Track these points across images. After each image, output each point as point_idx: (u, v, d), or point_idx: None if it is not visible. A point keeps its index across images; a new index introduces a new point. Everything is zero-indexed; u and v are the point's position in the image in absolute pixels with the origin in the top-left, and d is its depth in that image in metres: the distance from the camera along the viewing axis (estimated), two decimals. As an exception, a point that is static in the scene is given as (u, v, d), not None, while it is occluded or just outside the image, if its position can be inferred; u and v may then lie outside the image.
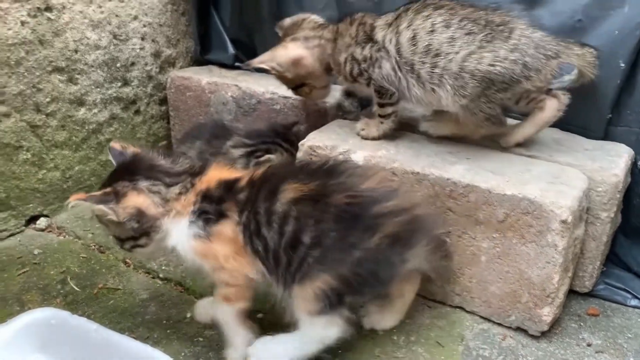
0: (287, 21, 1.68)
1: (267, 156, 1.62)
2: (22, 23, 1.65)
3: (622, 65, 1.51)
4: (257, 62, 1.61)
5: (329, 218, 1.15)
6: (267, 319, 1.40)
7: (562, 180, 1.35)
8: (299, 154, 1.59)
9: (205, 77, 2.06)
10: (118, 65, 1.96)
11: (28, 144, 1.75)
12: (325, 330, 1.21)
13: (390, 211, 1.18)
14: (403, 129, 1.62)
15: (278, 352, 1.24)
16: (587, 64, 1.43)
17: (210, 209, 1.22)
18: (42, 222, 1.83)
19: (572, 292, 1.51)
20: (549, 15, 1.55)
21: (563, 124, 1.54)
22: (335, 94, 1.79)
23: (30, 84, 1.71)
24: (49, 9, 1.71)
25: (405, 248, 1.20)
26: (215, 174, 1.27)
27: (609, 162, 1.45)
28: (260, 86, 1.96)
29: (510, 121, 1.56)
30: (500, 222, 1.33)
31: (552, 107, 1.44)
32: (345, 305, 1.18)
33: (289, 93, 1.88)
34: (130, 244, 1.26)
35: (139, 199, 1.21)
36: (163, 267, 1.64)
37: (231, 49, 2.15)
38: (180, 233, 1.23)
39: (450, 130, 1.53)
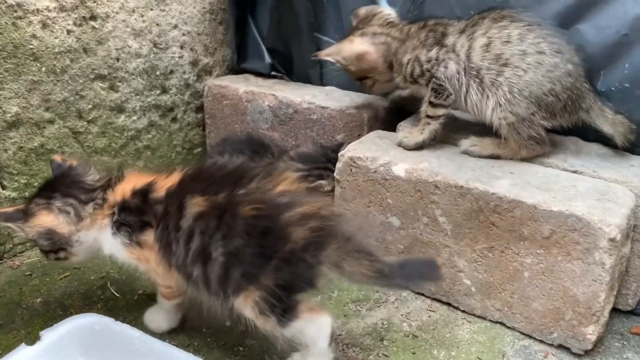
0: (362, 11, 1.73)
1: (319, 182, 1.67)
2: (68, 32, 1.68)
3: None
4: (324, 54, 1.68)
5: (239, 231, 1.16)
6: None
7: (609, 197, 1.33)
8: (339, 165, 1.59)
9: (242, 85, 2.07)
10: (157, 73, 1.99)
11: (70, 150, 1.78)
12: (311, 328, 1.21)
13: (299, 218, 1.17)
14: (443, 142, 1.61)
15: None
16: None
17: (131, 220, 1.25)
18: (81, 227, 1.86)
19: (614, 310, 1.49)
20: (594, 31, 1.53)
21: (608, 139, 1.52)
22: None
23: (74, 91, 1.74)
24: (93, 17, 1.74)
25: (319, 250, 1.17)
26: (129, 184, 1.29)
27: (656, 179, 1.43)
28: (297, 96, 1.97)
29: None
30: (545, 239, 1.31)
31: None
32: (290, 301, 1.18)
33: (326, 103, 1.90)
34: (53, 256, 1.31)
35: (48, 218, 1.26)
36: (201, 275, 1.65)
37: (267, 58, 2.17)
38: (109, 243, 1.28)
39: (492, 150, 1.52)
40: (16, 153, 1.64)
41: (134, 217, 1.25)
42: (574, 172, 1.47)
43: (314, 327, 1.21)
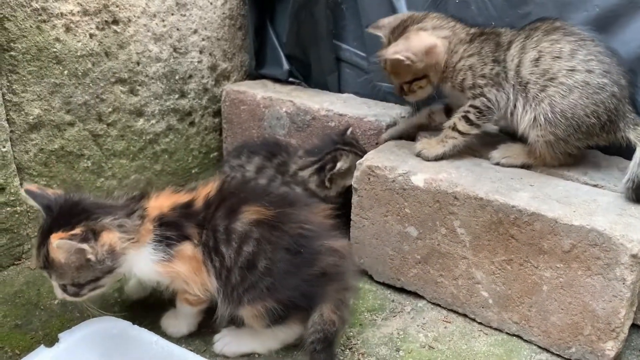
0: (389, 19, 1.66)
1: (339, 164, 1.67)
2: (91, 35, 1.70)
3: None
4: (391, 52, 1.54)
5: (283, 246, 1.25)
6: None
7: (631, 212, 1.32)
8: (357, 173, 1.59)
9: (260, 91, 2.08)
10: (177, 77, 2.00)
11: (89, 153, 1.79)
12: (284, 334, 1.34)
13: (327, 249, 1.29)
14: (463, 152, 1.61)
15: (242, 343, 1.37)
16: None
17: (172, 234, 1.26)
18: (98, 229, 1.87)
19: (634, 326, 1.47)
20: (617, 45, 1.52)
21: (629, 152, 1.51)
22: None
23: (95, 95, 1.75)
24: (115, 22, 1.76)
25: (329, 282, 1.29)
26: (165, 199, 1.32)
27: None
28: (314, 103, 1.97)
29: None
30: (565, 253, 1.30)
31: None
32: (294, 315, 1.29)
33: (344, 110, 1.90)
34: (90, 287, 1.25)
35: (110, 235, 1.22)
36: (217, 280, 1.66)
37: (286, 65, 2.17)
38: (141, 261, 1.26)
39: (524, 160, 1.52)
40: (37, 155, 1.66)
41: (174, 230, 1.26)
42: (595, 185, 1.46)
43: (288, 332, 1.35)
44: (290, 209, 1.30)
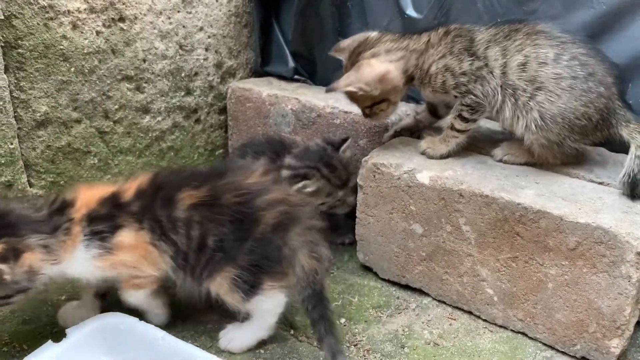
0: (348, 42, 1.65)
1: (302, 183, 1.65)
2: (97, 33, 1.70)
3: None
4: (343, 85, 1.55)
5: (225, 220, 1.28)
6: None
7: (636, 210, 1.32)
8: (362, 171, 1.59)
9: (265, 89, 2.09)
10: (182, 75, 2.00)
11: (96, 150, 1.80)
12: (269, 304, 1.34)
13: (269, 203, 1.31)
14: (468, 149, 1.61)
15: (245, 336, 1.39)
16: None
17: (104, 227, 1.26)
18: (104, 226, 1.88)
19: (638, 323, 1.47)
20: (626, 41, 1.52)
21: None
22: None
23: (101, 92, 1.76)
24: (122, 19, 1.76)
25: (284, 233, 1.31)
26: (89, 194, 1.31)
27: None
28: (320, 100, 1.97)
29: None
30: (570, 250, 1.31)
31: None
32: (264, 279, 1.31)
33: (349, 107, 1.90)
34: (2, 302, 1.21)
35: (32, 257, 1.18)
36: (223, 277, 1.66)
37: (291, 62, 2.18)
38: (77, 263, 1.25)
39: (526, 158, 1.52)
40: (44, 152, 1.67)
41: (105, 223, 1.27)
42: (600, 183, 1.46)
43: (271, 302, 1.34)
44: (220, 181, 1.33)
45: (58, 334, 1.29)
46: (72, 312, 1.43)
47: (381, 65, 1.54)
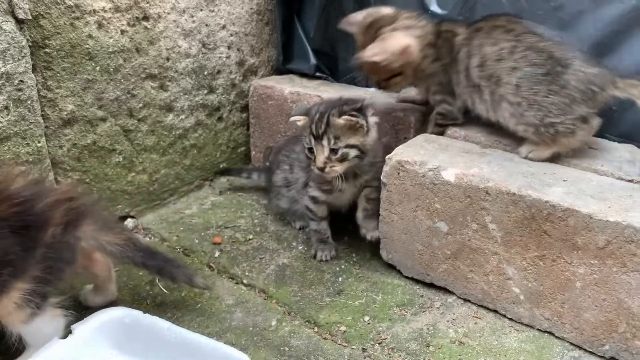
0: (360, 16, 1.73)
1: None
2: (122, 32, 1.72)
3: None
4: (369, 55, 1.60)
5: (6, 233, 1.16)
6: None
7: (668, 208, 1.30)
8: (386, 168, 1.58)
9: (287, 86, 2.09)
10: (205, 73, 2.01)
11: (121, 148, 1.82)
12: (50, 326, 1.26)
13: (53, 204, 1.24)
14: (494, 146, 1.60)
15: None
16: None
17: None
18: (129, 223, 1.90)
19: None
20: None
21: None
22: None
23: (126, 90, 1.78)
24: (146, 18, 1.77)
25: (75, 229, 1.27)
26: None
27: None
28: (342, 97, 1.97)
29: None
30: (600, 249, 1.29)
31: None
32: (50, 296, 1.24)
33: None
34: None
35: None
36: (246, 273, 1.67)
37: (313, 59, 2.18)
38: None
39: (550, 153, 1.50)
40: (70, 150, 1.69)
41: None
42: (630, 181, 1.43)
43: (52, 325, 1.27)
44: None
45: (64, 330, 1.29)
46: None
47: (405, 38, 1.62)
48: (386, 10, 1.71)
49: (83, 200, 1.34)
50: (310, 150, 1.58)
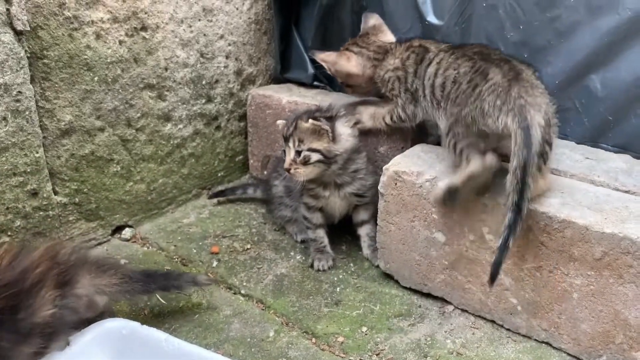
0: (372, 22, 1.83)
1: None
2: (120, 42, 1.72)
3: None
4: (320, 57, 1.80)
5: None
6: None
7: (664, 219, 1.30)
8: (383, 178, 1.59)
9: (285, 95, 2.09)
10: (203, 82, 2.02)
11: (118, 157, 1.82)
12: None
13: (39, 274, 1.19)
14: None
15: None
16: None
17: None
18: (127, 233, 1.90)
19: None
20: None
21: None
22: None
23: (124, 100, 1.78)
24: (144, 28, 1.78)
25: (74, 287, 1.26)
26: None
27: None
28: (340, 107, 1.97)
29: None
30: (596, 260, 1.29)
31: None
32: None
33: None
34: None
35: None
36: (244, 283, 1.67)
37: (311, 69, 2.18)
38: None
39: None
40: (68, 160, 1.69)
41: None
42: (626, 192, 1.43)
43: None
44: None
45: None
46: None
47: (353, 67, 1.76)
48: (374, 29, 1.81)
49: (67, 252, 1.31)
50: (283, 152, 1.67)
